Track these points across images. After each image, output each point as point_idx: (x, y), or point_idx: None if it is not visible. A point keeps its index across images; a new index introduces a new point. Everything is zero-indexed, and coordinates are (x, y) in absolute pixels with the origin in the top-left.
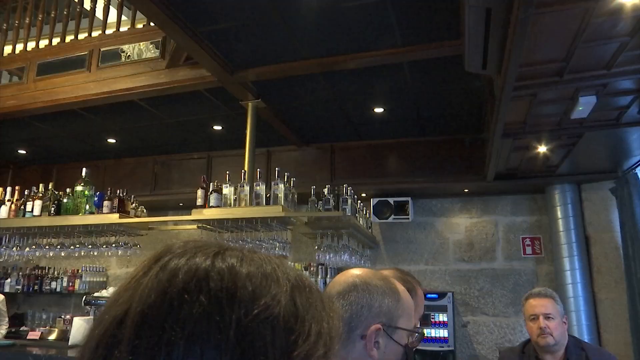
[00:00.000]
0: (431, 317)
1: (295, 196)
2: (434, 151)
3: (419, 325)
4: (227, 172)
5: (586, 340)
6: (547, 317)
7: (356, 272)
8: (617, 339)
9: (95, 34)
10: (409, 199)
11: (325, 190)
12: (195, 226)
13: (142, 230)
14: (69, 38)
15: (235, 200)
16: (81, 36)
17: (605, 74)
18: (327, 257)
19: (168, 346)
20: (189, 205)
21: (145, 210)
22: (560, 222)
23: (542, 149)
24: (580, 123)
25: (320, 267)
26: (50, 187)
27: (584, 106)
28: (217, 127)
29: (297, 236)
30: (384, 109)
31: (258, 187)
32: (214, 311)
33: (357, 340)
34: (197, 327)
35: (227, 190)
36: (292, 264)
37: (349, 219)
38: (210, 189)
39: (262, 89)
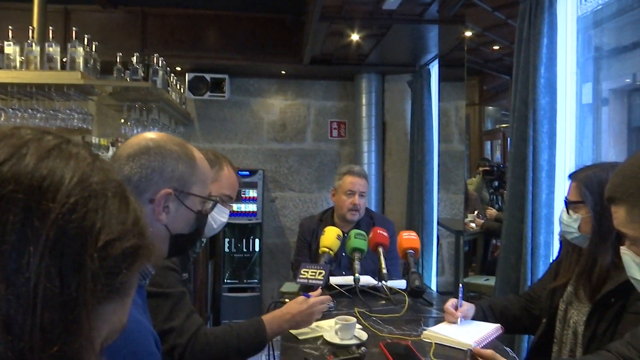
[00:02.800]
0: (242, 192)
1: (98, 63)
2: (255, 28)
3: (233, 199)
4: (11, 27)
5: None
6: (361, 195)
7: (151, 135)
8: (396, 210)
9: None
10: (226, 76)
11: (134, 59)
12: None
13: None
14: None
15: (22, 62)
16: None
17: None
18: (135, 132)
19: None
20: None
21: None
22: (364, 108)
23: (354, 36)
24: (389, 14)
25: None
26: None
27: None
28: None
29: (103, 109)
30: None
31: (51, 49)
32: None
33: (145, 204)
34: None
35: (11, 49)
36: (97, 139)
37: (159, 92)
38: None
39: None
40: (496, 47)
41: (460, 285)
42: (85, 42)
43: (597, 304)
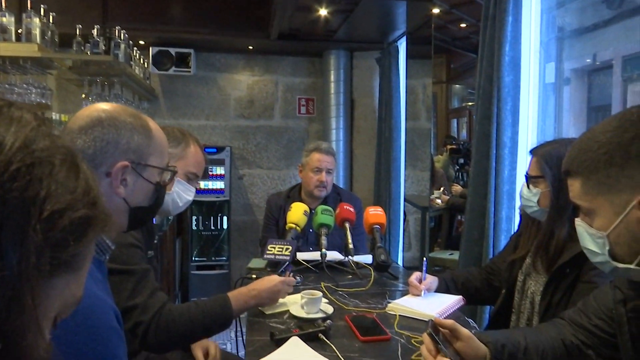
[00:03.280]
0: (209, 170)
1: (57, 35)
2: (221, 1)
3: (199, 177)
4: None
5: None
6: (329, 172)
7: (103, 106)
8: (363, 187)
9: None
10: (191, 50)
11: (95, 32)
12: None
13: None
14: None
15: None
16: None
17: None
18: None
19: None
20: None
21: None
22: (332, 85)
23: (323, 12)
24: None
25: None
26: None
27: None
28: None
29: (63, 84)
30: None
31: (4, 19)
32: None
33: (102, 178)
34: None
35: None
36: (58, 115)
37: (122, 66)
38: None
39: None
40: (463, 25)
41: (424, 259)
42: (42, 13)
43: (553, 275)
